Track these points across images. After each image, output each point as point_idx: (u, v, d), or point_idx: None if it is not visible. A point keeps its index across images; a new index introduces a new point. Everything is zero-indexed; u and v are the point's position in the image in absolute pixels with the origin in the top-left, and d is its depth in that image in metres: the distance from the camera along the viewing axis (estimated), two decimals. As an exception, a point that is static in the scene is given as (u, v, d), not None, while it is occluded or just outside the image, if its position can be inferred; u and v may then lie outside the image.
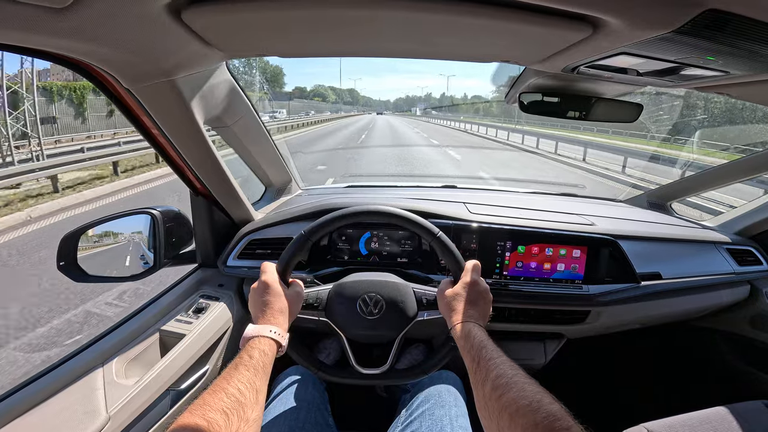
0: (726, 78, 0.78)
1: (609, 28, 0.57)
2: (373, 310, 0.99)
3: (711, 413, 1.01)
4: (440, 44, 0.77)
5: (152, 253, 1.16)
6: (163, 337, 1.06)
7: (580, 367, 1.76)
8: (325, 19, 0.64)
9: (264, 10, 0.58)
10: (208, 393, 0.60)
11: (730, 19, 0.49)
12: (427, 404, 1.02)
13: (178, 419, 0.55)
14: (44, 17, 0.48)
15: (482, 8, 0.57)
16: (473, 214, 1.31)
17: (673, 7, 0.49)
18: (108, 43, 0.60)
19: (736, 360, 1.55)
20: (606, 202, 1.83)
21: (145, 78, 0.76)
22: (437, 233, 0.94)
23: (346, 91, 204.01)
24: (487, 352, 0.69)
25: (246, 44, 0.75)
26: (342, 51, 0.83)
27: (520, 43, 0.74)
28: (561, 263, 1.24)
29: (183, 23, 0.60)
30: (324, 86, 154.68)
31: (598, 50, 0.69)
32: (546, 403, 0.55)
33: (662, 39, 0.57)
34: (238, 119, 1.19)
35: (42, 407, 0.79)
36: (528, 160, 13.64)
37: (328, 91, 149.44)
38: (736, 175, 1.49)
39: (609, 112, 1.09)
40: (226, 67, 1.00)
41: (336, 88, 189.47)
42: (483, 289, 0.87)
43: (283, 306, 0.82)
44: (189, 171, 1.10)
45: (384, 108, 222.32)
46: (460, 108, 63.13)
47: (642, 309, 1.31)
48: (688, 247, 1.40)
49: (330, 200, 1.35)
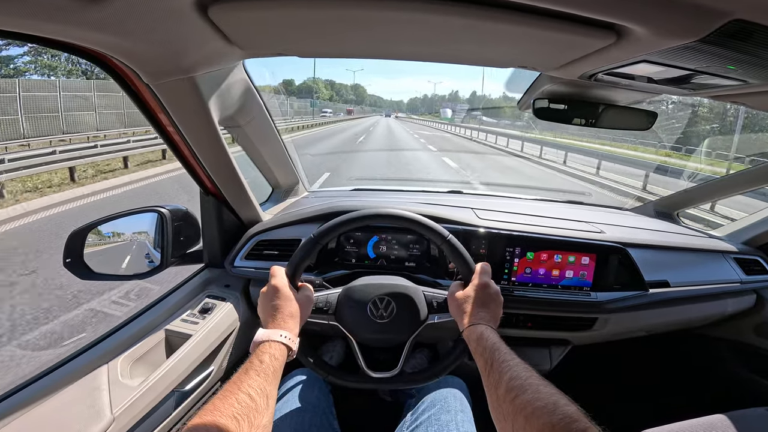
0: (743, 87, 0.78)
1: (633, 36, 0.58)
2: (384, 314, 0.98)
3: (715, 420, 1.00)
4: (460, 48, 0.77)
5: (159, 252, 1.15)
6: (168, 337, 1.05)
7: (584, 373, 1.75)
8: (346, 20, 0.64)
9: (289, 8, 0.59)
10: (218, 398, 0.59)
11: (754, 30, 0.50)
12: (433, 409, 1.01)
13: (189, 423, 0.54)
14: (76, 8, 0.48)
15: (505, 13, 0.57)
16: (482, 219, 1.31)
17: (699, 17, 0.49)
18: (134, 36, 0.60)
19: (741, 368, 1.56)
20: (613, 211, 1.84)
21: (166, 74, 0.76)
22: (447, 236, 0.94)
23: (350, 87, 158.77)
24: (501, 355, 0.70)
25: (267, 43, 0.76)
26: (361, 53, 0.83)
27: (540, 49, 0.74)
28: (570, 270, 1.24)
29: (208, 19, 0.60)
30: (320, 80, 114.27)
31: (619, 58, 0.69)
32: (562, 404, 0.55)
33: (685, 48, 0.57)
34: (251, 119, 1.19)
35: (46, 405, 0.78)
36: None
37: (320, 85, 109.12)
38: (743, 185, 1.50)
39: (622, 120, 1.10)
40: (243, 67, 1.00)
41: (336, 83, 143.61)
42: (494, 291, 0.87)
43: (293, 310, 0.81)
44: (201, 170, 1.10)
45: (397, 108, 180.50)
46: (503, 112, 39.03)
47: (649, 317, 1.31)
48: (696, 255, 1.41)
49: (337, 203, 1.35)
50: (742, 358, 1.55)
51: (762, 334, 1.47)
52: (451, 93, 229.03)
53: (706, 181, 1.66)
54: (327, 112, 48.63)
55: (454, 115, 48.29)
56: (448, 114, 33.02)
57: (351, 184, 1.94)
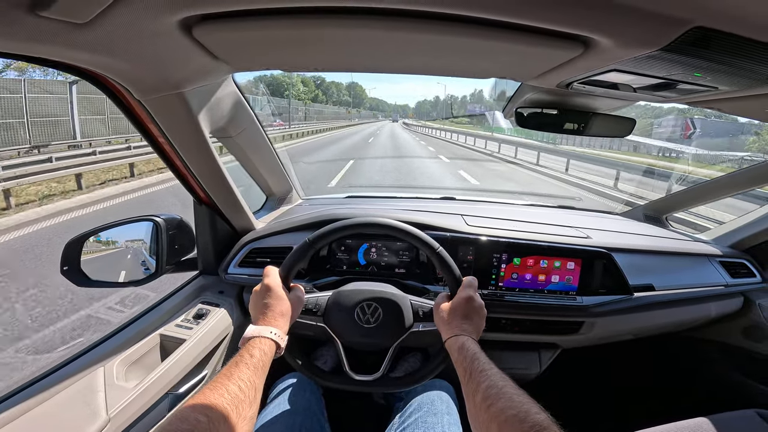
0: (715, 93, 0.80)
1: (599, 47, 0.60)
2: (370, 319, 1.01)
3: (703, 422, 1.02)
4: (440, 62, 0.80)
5: (154, 260, 1.18)
6: (163, 342, 1.07)
7: (574, 376, 1.76)
8: (327, 37, 0.67)
9: (271, 27, 0.61)
10: (209, 388, 0.61)
11: (715, 37, 0.51)
12: (420, 412, 1.03)
13: (179, 411, 0.56)
14: (66, 31, 0.51)
15: (478, 29, 0.60)
16: (470, 226, 1.33)
17: (660, 26, 0.51)
18: (123, 57, 0.64)
19: (730, 370, 1.57)
20: (602, 215, 1.85)
21: (156, 90, 0.79)
22: (437, 248, 0.97)
23: (344, 87, 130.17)
24: (479, 364, 0.71)
25: (253, 59, 0.78)
26: (345, 67, 0.86)
27: (515, 61, 0.77)
28: (555, 275, 1.26)
29: (194, 39, 0.62)
30: (305, 78, 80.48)
31: (589, 67, 0.72)
32: (533, 413, 0.57)
33: (651, 57, 0.59)
34: (242, 130, 1.22)
35: (43, 407, 0.80)
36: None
37: (299, 84, 76.39)
38: (732, 188, 1.52)
39: (604, 127, 1.12)
40: (233, 80, 1.03)
41: (326, 81, 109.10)
42: (478, 305, 0.89)
43: (284, 309, 0.84)
44: (194, 180, 1.13)
45: (404, 114, 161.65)
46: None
47: (635, 320, 1.33)
48: (682, 259, 1.43)
49: (330, 211, 1.37)
50: (730, 361, 1.57)
51: (750, 337, 1.48)
52: (474, 93, 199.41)
53: (695, 184, 1.67)
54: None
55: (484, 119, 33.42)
56: (500, 122, 17.38)
57: (345, 191, 1.97)
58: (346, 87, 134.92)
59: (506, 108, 1.21)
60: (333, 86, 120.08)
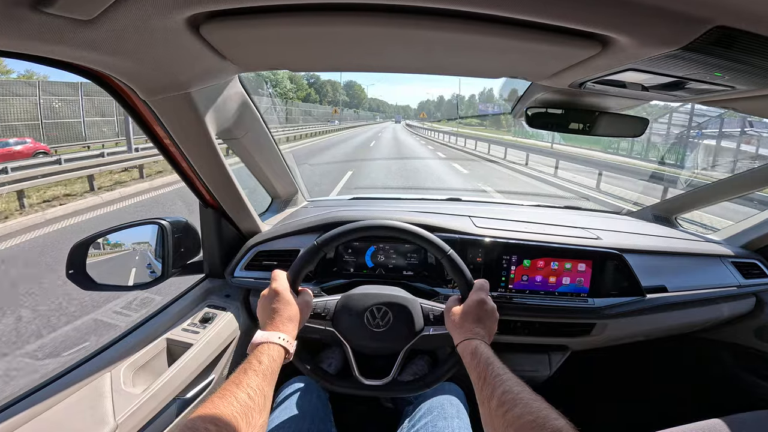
0: (732, 93, 0.78)
1: (618, 45, 0.58)
2: (380, 323, 1.00)
3: (717, 423, 1.00)
4: (452, 61, 0.78)
5: (160, 263, 1.17)
6: (170, 346, 1.06)
7: (584, 378, 1.75)
8: (337, 35, 0.66)
9: (279, 26, 0.60)
10: (217, 396, 0.60)
11: (737, 36, 0.50)
12: (430, 416, 1.02)
13: (189, 420, 0.55)
14: (70, 29, 0.50)
15: (491, 27, 0.58)
16: (479, 228, 1.31)
17: (681, 25, 0.50)
18: (128, 56, 0.62)
19: (742, 371, 1.55)
20: (611, 216, 1.84)
21: (162, 90, 0.78)
22: (448, 251, 0.95)
23: (341, 86, 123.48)
24: (494, 369, 0.70)
25: (260, 58, 0.77)
26: (353, 66, 0.84)
27: (528, 60, 0.75)
28: (566, 277, 1.25)
29: (201, 37, 0.61)
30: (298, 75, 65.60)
31: (606, 67, 0.70)
32: (552, 418, 0.56)
33: (670, 56, 0.58)
34: (248, 132, 1.21)
35: (50, 413, 0.80)
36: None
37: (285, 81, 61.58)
38: (741, 189, 1.51)
39: (615, 126, 1.11)
40: (239, 81, 1.02)
41: (321, 79, 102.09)
42: (490, 308, 0.88)
43: (292, 314, 0.83)
44: (200, 183, 1.12)
45: (404, 114, 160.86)
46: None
47: (647, 321, 1.31)
48: (694, 260, 1.41)
49: (336, 213, 1.36)
50: (743, 362, 1.55)
51: (762, 337, 1.46)
52: (483, 92, 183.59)
53: (704, 185, 1.66)
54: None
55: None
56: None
57: (350, 193, 1.96)
58: (343, 86, 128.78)
59: (515, 108, 1.20)
60: (328, 85, 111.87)
